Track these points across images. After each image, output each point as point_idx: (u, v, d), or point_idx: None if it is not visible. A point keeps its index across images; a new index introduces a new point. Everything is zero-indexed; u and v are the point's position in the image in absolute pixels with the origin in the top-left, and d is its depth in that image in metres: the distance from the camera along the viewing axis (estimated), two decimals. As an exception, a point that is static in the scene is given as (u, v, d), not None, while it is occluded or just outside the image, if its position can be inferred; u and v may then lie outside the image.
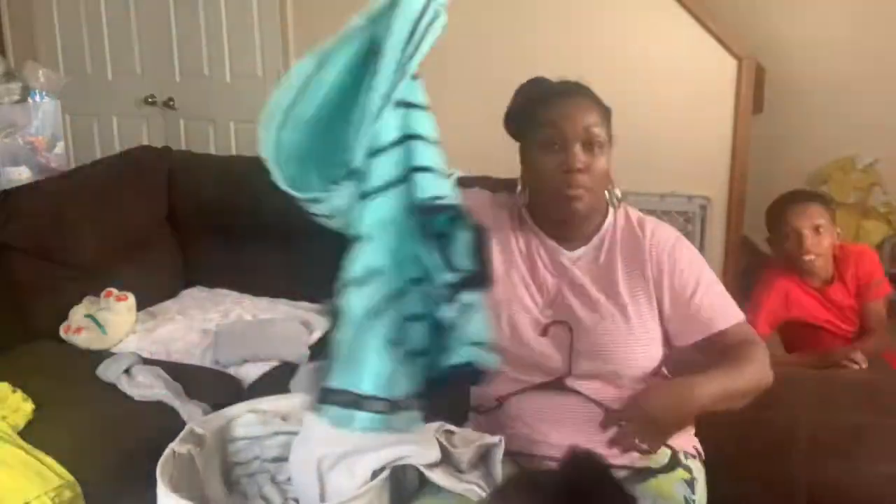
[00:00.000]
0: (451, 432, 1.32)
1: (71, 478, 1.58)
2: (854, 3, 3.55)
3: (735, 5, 3.26)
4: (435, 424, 1.30)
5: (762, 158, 3.24)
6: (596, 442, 1.34)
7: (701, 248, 2.72)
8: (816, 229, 2.22)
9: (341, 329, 1.16)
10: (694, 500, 1.36)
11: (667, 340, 1.42)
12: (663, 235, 1.44)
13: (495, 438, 1.28)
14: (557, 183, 1.36)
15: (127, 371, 1.98)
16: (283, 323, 2.34)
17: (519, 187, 1.47)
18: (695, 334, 1.39)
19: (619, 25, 2.89)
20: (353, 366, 1.15)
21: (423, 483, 1.28)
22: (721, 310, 1.40)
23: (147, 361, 2.06)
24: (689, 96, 2.87)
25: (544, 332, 1.39)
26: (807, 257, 2.22)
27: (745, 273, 2.87)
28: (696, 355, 1.41)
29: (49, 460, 1.59)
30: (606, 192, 1.43)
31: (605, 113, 1.40)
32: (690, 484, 1.37)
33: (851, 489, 1.57)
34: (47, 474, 1.55)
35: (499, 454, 1.26)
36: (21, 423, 1.74)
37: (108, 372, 1.98)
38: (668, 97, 2.87)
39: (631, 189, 1.47)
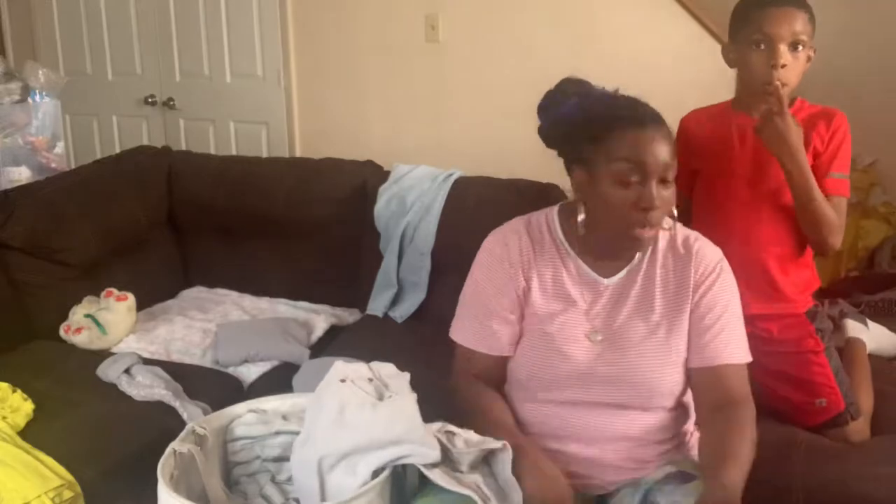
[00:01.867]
0: (452, 432, 1.32)
1: (71, 478, 1.57)
2: (853, 2, 3.55)
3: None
4: (436, 425, 1.30)
5: (762, 158, 3.22)
6: (620, 458, 1.38)
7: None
8: (796, 45, 1.63)
9: None
10: None
11: None
12: (709, 255, 1.42)
13: (498, 443, 1.27)
14: (631, 220, 1.32)
15: (127, 371, 1.98)
16: (283, 323, 2.34)
17: (581, 215, 1.38)
18: (699, 361, 1.38)
19: (618, 24, 2.89)
20: None
21: (424, 483, 1.28)
22: (732, 346, 1.38)
23: (147, 361, 2.06)
24: (689, 96, 2.86)
25: (597, 358, 1.39)
26: (773, 80, 1.61)
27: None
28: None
29: (49, 460, 1.59)
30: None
31: (673, 136, 1.37)
32: None
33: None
34: (47, 474, 1.55)
35: (507, 458, 1.25)
36: (21, 423, 1.74)
37: (109, 372, 1.98)
38: (667, 96, 2.85)
39: (631, 189, 1.46)
